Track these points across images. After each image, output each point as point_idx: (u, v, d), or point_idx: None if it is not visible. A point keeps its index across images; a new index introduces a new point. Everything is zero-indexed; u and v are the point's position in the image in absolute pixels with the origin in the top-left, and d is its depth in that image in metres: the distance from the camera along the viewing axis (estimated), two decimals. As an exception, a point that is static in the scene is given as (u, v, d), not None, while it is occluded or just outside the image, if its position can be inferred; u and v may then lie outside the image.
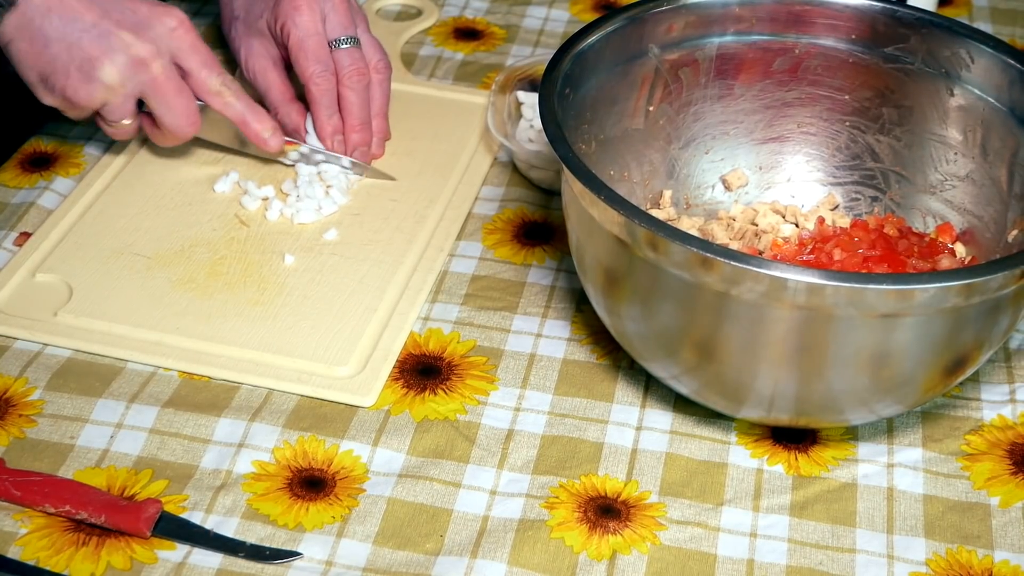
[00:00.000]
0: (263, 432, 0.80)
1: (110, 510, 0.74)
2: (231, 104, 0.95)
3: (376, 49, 1.02)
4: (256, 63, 1.01)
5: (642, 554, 0.75)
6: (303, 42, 0.97)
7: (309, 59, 0.97)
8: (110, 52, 0.89)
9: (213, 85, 0.93)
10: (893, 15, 0.88)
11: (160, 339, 0.86)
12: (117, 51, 0.89)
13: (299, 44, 0.97)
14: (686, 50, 0.90)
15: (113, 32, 0.89)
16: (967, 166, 0.88)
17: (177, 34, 0.91)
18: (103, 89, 0.90)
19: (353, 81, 0.99)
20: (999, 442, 0.82)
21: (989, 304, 0.71)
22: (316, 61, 0.97)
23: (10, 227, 0.95)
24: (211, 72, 0.93)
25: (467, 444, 0.81)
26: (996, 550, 0.76)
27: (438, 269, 0.93)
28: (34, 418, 0.81)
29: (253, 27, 1.01)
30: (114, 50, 0.89)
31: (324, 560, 0.73)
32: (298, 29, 0.97)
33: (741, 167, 0.94)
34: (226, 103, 0.95)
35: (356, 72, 0.99)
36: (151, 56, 0.90)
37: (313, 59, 0.97)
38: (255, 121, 0.96)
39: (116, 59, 0.89)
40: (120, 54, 0.89)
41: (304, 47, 0.97)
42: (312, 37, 0.97)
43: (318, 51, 0.97)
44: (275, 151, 0.98)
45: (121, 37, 0.89)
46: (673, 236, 0.69)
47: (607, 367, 0.86)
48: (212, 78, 0.93)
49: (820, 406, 0.77)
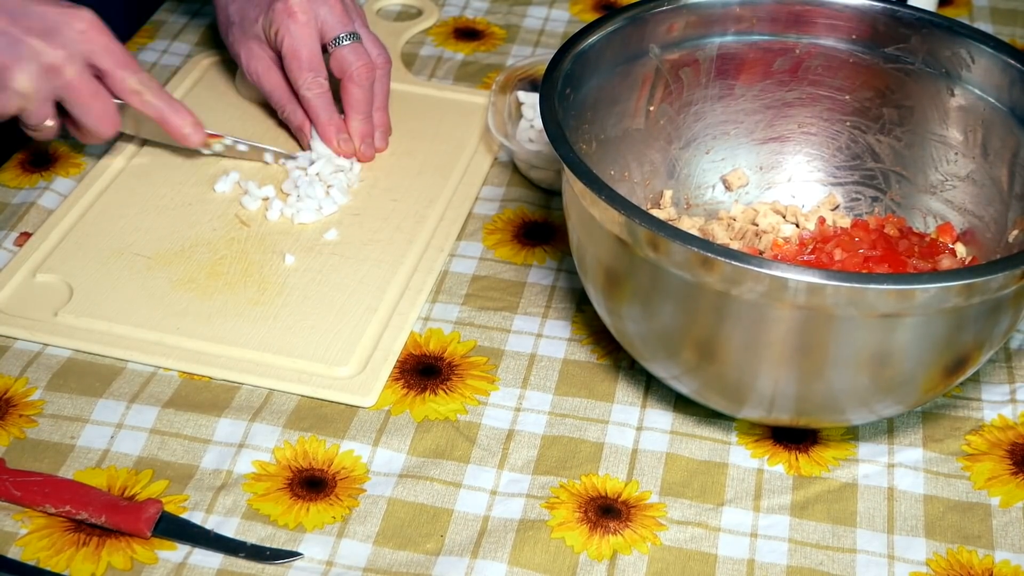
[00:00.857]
0: (263, 432, 0.80)
1: (110, 510, 0.74)
2: (149, 102, 0.95)
3: (375, 43, 1.02)
4: (258, 65, 1.01)
5: (642, 554, 0.75)
6: (296, 50, 0.98)
7: (302, 67, 0.98)
8: (20, 60, 0.88)
9: (130, 84, 0.93)
10: (893, 15, 0.88)
11: (160, 339, 0.86)
12: (27, 59, 0.88)
13: (292, 52, 0.98)
14: (687, 50, 0.90)
15: (22, 40, 0.88)
16: (968, 166, 0.88)
17: (88, 36, 0.91)
18: (17, 97, 0.89)
19: (361, 78, 0.99)
20: (999, 442, 0.82)
21: (990, 304, 0.71)
22: (308, 68, 0.98)
23: (10, 227, 0.95)
24: (127, 71, 0.93)
25: (467, 444, 0.81)
26: (996, 550, 0.76)
27: (438, 269, 0.93)
28: (34, 418, 0.81)
29: (249, 31, 1.01)
30: (24, 58, 0.88)
31: (324, 560, 0.73)
32: (291, 36, 0.98)
33: (742, 167, 0.94)
34: (144, 101, 0.95)
35: (364, 68, 0.99)
36: (63, 62, 0.89)
37: (306, 67, 0.98)
38: (174, 116, 0.96)
39: (27, 67, 0.88)
40: (30, 62, 0.88)
41: (297, 55, 0.98)
42: (305, 46, 0.98)
43: (311, 58, 0.98)
44: (196, 145, 0.98)
45: (31, 44, 0.88)
46: (674, 236, 0.69)
47: (607, 367, 0.86)
48: (129, 78, 0.93)
49: (821, 406, 0.77)
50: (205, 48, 1.17)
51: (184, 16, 1.21)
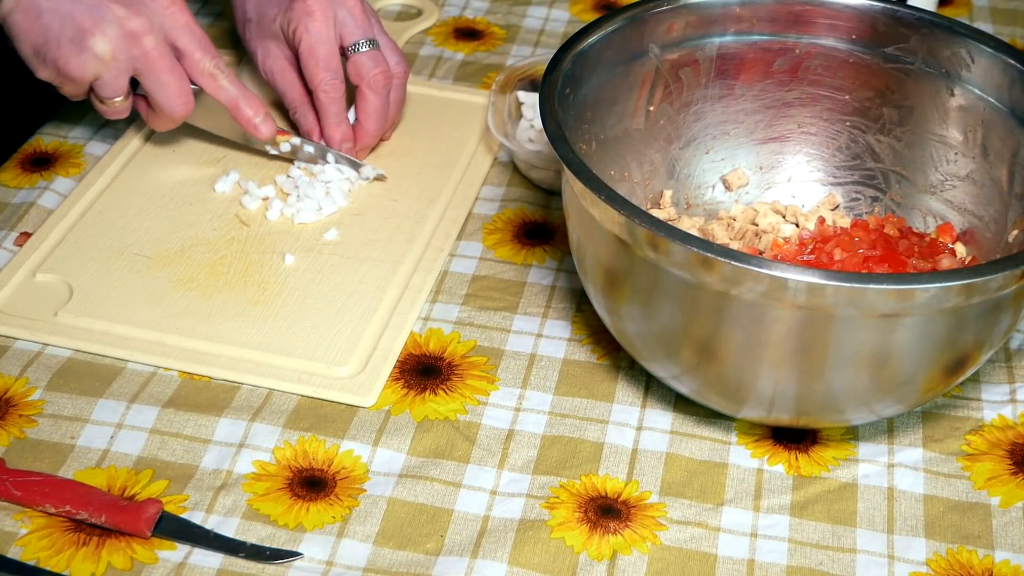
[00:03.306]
0: (263, 432, 0.80)
1: (110, 510, 0.74)
2: (224, 87, 0.95)
3: (394, 51, 1.01)
4: (273, 64, 1.01)
5: (642, 554, 0.75)
6: (314, 48, 0.97)
7: (319, 66, 0.97)
8: (102, 24, 0.88)
9: (206, 67, 0.93)
10: (893, 15, 0.88)
11: (160, 339, 0.86)
12: (109, 23, 0.88)
13: (310, 50, 0.97)
14: (686, 50, 0.90)
15: (105, 4, 0.88)
16: (967, 166, 0.88)
17: (170, 12, 0.91)
18: (95, 61, 0.89)
19: (379, 85, 0.98)
20: (999, 442, 0.82)
21: (989, 304, 0.72)
22: (326, 68, 0.97)
23: (10, 227, 0.95)
24: (205, 54, 0.93)
25: (467, 444, 0.81)
26: (996, 550, 0.76)
27: (438, 269, 0.93)
28: (34, 418, 0.81)
29: (267, 29, 1.01)
30: (106, 22, 0.88)
31: (324, 560, 0.73)
32: (310, 35, 0.97)
33: (741, 167, 0.94)
34: (219, 86, 0.94)
35: (381, 75, 0.98)
36: (143, 30, 0.89)
37: (323, 66, 0.97)
38: (247, 106, 0.96)
39: (108, 31, 0.88)
40: (112, 26, 0.88)
41: (315, 54, 0.97)
42: (324, 45, 0.97)
43: (328, 58, 0.97)
44: (266, 138, 0.98)
45: (113, 10, 0.88)
46: (674, 236, 0.69)
47: (607, 367, 0.86)
48: (205, 60, 0.93)
49: (820, 406, 0.77)
50: (205, 48, 1.16)
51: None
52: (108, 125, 1.05)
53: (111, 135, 1.04)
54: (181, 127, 0.98)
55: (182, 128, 1.00)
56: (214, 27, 1.19)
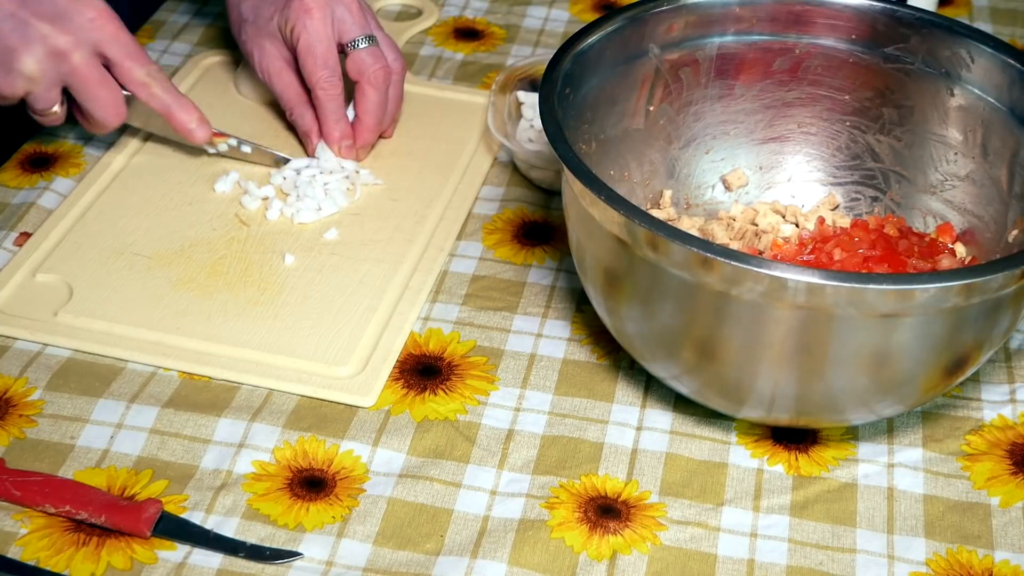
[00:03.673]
0: (263, 432, 0.80)
1: (110, 510, 0.74)
2: (156, 95, 0.95)
3: (391, 47, 1.01)
4: (270, 65, 1.01)
5: (642, 554, 0.75)
6: (312, 47, 0.97)
7: (318, 64, 0.97)
8: (28, 43, 0.88)
9: (138, 75, 0.93)
10: (893, 15, 0.88)
11: (160, 339, 0.86)
12: (34, 42, 0.88)
13: (308, 49, 0.97)
14: (686, 50, 0.90)
15: (31, 22, 0.88)
16: (967, 166, 0.88)
17: (97, 24, 0.90)
18: (23, 80, 0.89)
19: (378, 80, 0.98)
20: (999, 442, 0.82)
21: (989, 304, 0.72)
22: (324, 66, 0.97)
23: (10, 227, 0.95)
24: (135, 62, 0.93)
25: (467, 444, 0.81)
26: (996, 550, 0.76)
27: (438, 269, 0.93)
28: (34, 418, 0.81)
29: (264, 29, 1.00)
30: (31, 41, 0.88)
31: (324, 560, 0.73)
32: (308, 33, 0.96)
33: (741, 167, 0.94)
34: (151, 94, 0.95)
35: (382, 71, 0.98)
36: (70, 47, 0.89)
37: (322, 64, 0.97)
38: (181, 112, 0.96)
39: (34, 50, 0.88)
40: (38, 45, 0.88)
41: (313, 52, 0.97)
42: (322, 42, 0.97)
43: (326, 56, 0.97)
44: (201, 142, 0.98)
45: (39, 28, 0.88)
46: (673, 236, 0.69)
47: (607, 367, 0.86)
48: (136, 69, 0.93)
49: (820, 406, 0.77)
50: (205, 48, 1.17)
51: (184, 16, 1.21)
52: (108, 125, 1.05)
53: (111, 135, 1.04)
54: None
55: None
56: (213, 27, 1.19)
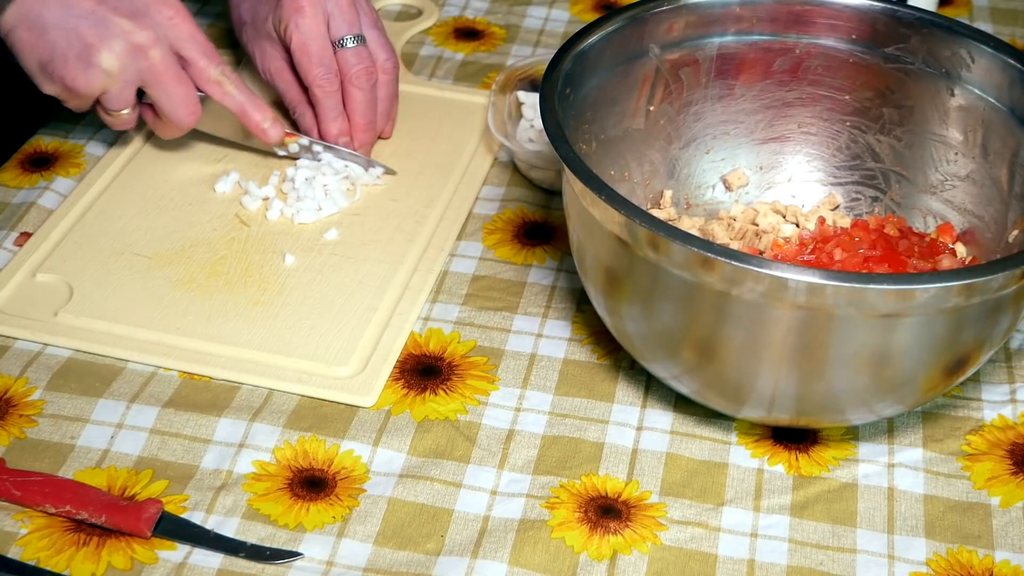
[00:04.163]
0: (263, 432, 0.80)
1: (111, 510, 0.74)
2: (230, 94, 0.95)
3: (383, 47, 1.01)
4: (271, 65, 1.01)
5: (643, 554, 0.75)
6: (306, 45, 0.97)
7: (312, 62, 0.97)
8: (108, 39, 0.88)
9: (212, 74, 0.93)
10: (893, 15, 0.88)
11: (160, 339, 0.86)
12: (115, 37, 0.88)
13: (302, 47, 0.97)
14: (687, 50, 0.90)
15: (110, 19, 0.88)
16: (967, 166, 0.88)
17: (175, 23, 0.91)
18: (102, 76, 0.89)
19: (361, 80, 0.98)
20: (1000, 442, 0.82)
21: (990, 304, 0.71)
22: (319, 64, 0.97)
23: (10, 227, 0.95)
24: (210, 62, 0.93)
25: (468, 444, 0.81)
26: (996, 550, 0.76)
27: (438, 269, 0.93)
28: (34, 418, 0.81)
29: (261, 30, 1.01)
30: (112, 36, 0.88)
31: (325, 560, 0.73)
32: (300, 32, 0.97)
33: (742, 167, 0.94)
34: (225, 93, 0.94)
35: (364, 71, 0.98)
36: (149, 43, 0.89)
37: (316, 62, 0.97)
38: (254, 111, 0.96)
39: (114, 45, 0.88)
40: (118, 40, 0.88)
41: (307, 50, 0.97)
42: (315, 40, 0.97)
43: (321, 54, 0.97)
44: (274, 142, 0.98)
45: (119, 24, 0.88)
46: (674, 236, 0.69)
47: (608, 367, 0.86)
48: (211, 68, 0.93)
49: (821, 406, 0.77)
50: (205, 48, 1.16)
51: (184, 16, 1.21)
52: (108, 125, 1.05)
53: (111, 135, 1.04)
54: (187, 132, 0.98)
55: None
56: (214, 27, 1.19)
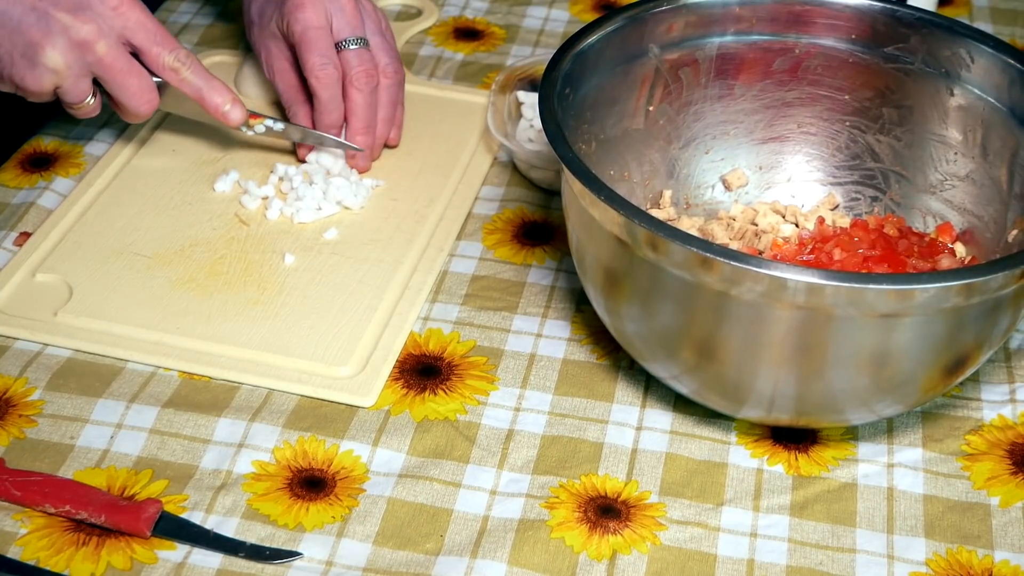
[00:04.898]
0: (263, 432, 0.80)
1: (110, 510, 0.74)
2: (187, 79, 0.93)
3: (387, 52, 1.01)
4: (275, 64, 1.01)
5: (642, 554, 0.75)
6: (305, 34, 0.96)
7: (312, 52, 0.96)
8: (50, 36, 0.87)
9: (167, 61, 0.92)
10: (893, 15, 0.88)
11: (160, 339, 0.86)
12: (57, 34, 0.87)
13: (302, 37, 0.96)
14: (686, 50, 0.90)
15: (52, 15, 0.87)
16: (967, 166, 0.88)
17: (120, 12, 0.89)
18: (49, 74, 0.88)
19: (361, 82, 0.98)
20: (999, 442, 0.82)
21: (989, 304, 0.72)
22: (319, 54, 0.96)
23: (10, 227, 0.95)
24: (163, 48, 0.92)
25: (467, 444, 0.81)
26: (996, 550, 0.76)
27: (438, 269, 0.93)
28: (34, 418, 0.81)
29: (267, 30, 1.01)
30: (54, 33, 0.87)
31: (324, 560, 0.74)
32: (300, 24, 0.96)
33: (741, 167, 0.94)
34: (182, 79, 0.93)
35: (364, 73, 0.98)
36: (93, 37, 0.88)
37: (316, 52, 0.96)
38: (213, 94, 0.95)
39: (57, 43, 0.87)
40: (60, 37, 0.87)
41: (306, 39, 0.96)
42: (314, 30, 0.96)
43: (320, 44, 0.96)
44: (236, 123, 0.96)
45: (60, 19, 0.87)
46: (673, 236, 0.69)
47: (607, 367, 0.86)
48: (165, 54, 0.92)
49: (820, 406, 0.77)
50: (205, 48, 1.17)
51: (184, 16, 1.21)
52: (108, 125, 1.05)
53: (111, 135, 1.04)
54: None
55: (181, 127, 1.00)
56: (214, 27, 1.19)
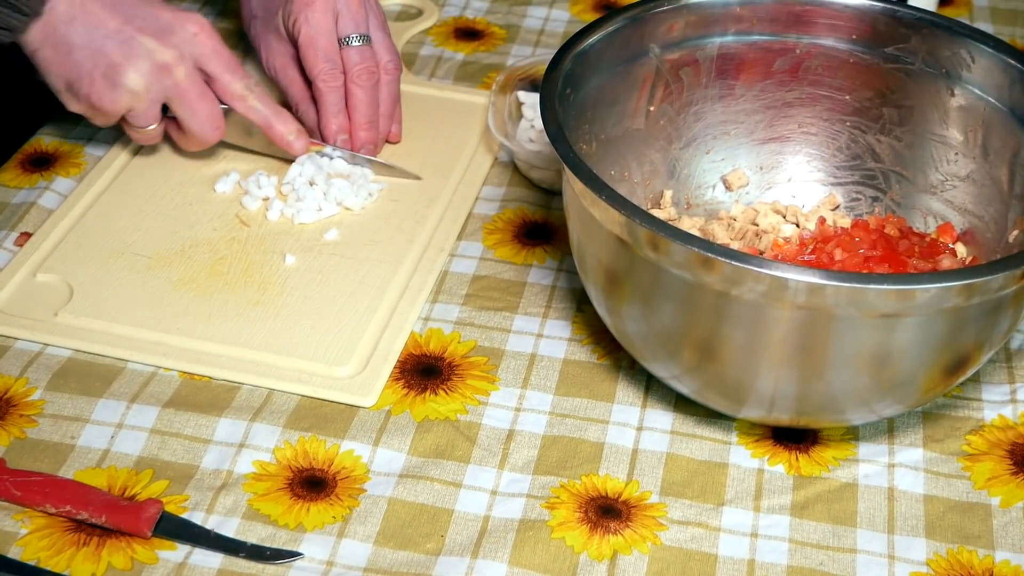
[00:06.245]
0: (264, 432, 0.80)
1: (111, 510, 0.74)
2: (255, 108, 0.95)
3: (387, 49, 1.01)
4: (276, 60, 1.01)
5: (643, 554, 0.75)
6: (313, 40, 0.97)
7: (319, 57, 0.97)
8: (133, 58, 0.89)
9: (237, 89, 0.94)
10: (894, 15, 0.88)
11: (160, 339, 0.86)
12: (140, 57, 0.89)
13: (309, 41, 0.97)
14: (687, 50, 0.90)
15: (136, 38, 0.89)
16: (968, 166, 0.88)
17: (199, 39, 0.92)
18: (128, 95, 0.90)
19: (362, 79, 0.99)
20: (1000, 442, 0.82)
21: (990, 304, 0.72)
22: (325, 59, 0.97)
23: (10, 227, 0.95)
24: (234, 76, 0.94)
25: (468, 444, 0.81)
26: (997, 550, 0.76)
27: (438, 269, 0.93)
28: (35, 418, 0.81)
29: (270, 25, 1.01)
30: (137, 56, 0.89)
31: (325, 560, 0.73)
32: (309, 26, 0.97)
33: (742, 167, 0.94)
34: (250, 107, 0.95)
35: (366, 71, 0.99)
36: (174, 61, 0.90)
37: (323, 57, 0.97)
38: (280, 124, 0.96)
39: (139, 65, 0.89)
40: (143, 60, 0.89)
41: (314, 44, 0.97)
42: (323, 35, 0.97)
43: (328, 49, 0.97)
44: (300, 153, 0.98)
45: (144, 43, 0.89)
46: (674, 236, 0.69)
47: (608, 367, 0.86)
48: (235, 82, 0.94)
49: (821, 406, 0.77)
50: (205, 48, 1.16)
51: (184, 16, 1.21)
52: (108, 125, 1.05)
53: (111, 135, 1.04)
54: None
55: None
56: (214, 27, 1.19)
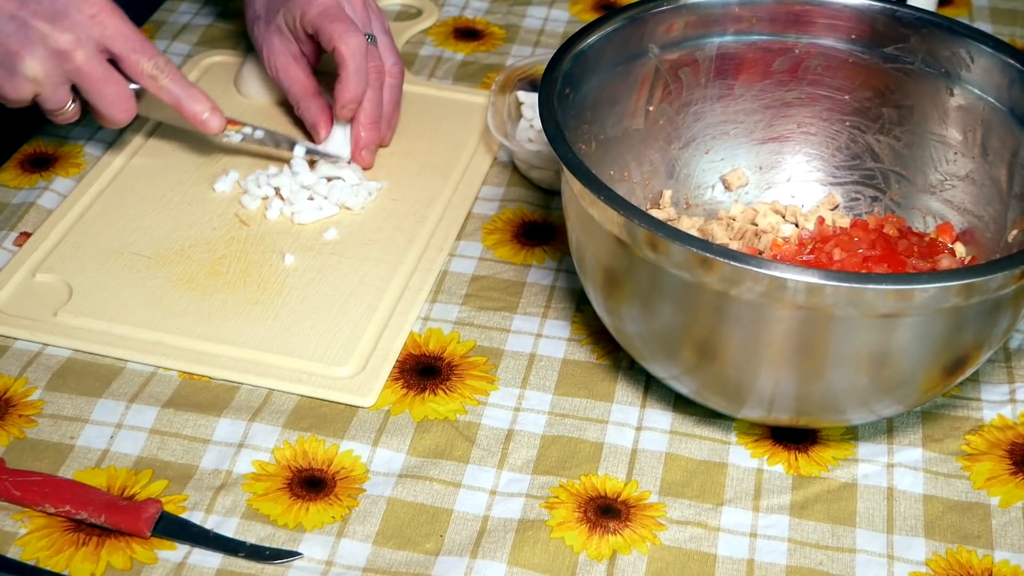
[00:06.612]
0: (263, 432, 0.80)
1: (110, 510, 0.74)
2: (165, 87, 0.93)
3: (391, 51, 1.01)
4: (278, 60, 1.01)
5: (642, 554, 0.75)
6: (328, 10, 0.96)
7: (335, 22, 0.95)
8: (28, 45, 0.87)
9: (145, 69, 0.92)
10: (893, 15, 0.88)
11: (160, 339, 0.86)
12: (35, 43, 0.87)
13: (323, 12, 0.96)
14: (686, 50, 0.90)
15: (30, 23, 0.87)
16: (967, 166, 0.88)
17: (99, 20, 0.89)
18: (28, 83, 0.89)
19: (371, 78, 0.98)
20: (999, 442, 0.82)
21: (989, 304, 0.72)
22: (342, 23, 0.95)
23: (10, 227, 0.95)
24: (142, 55, 0.91)
25: (467, 444, 0.81)
26: (996, 550, 0.76)
27: (438, 269, 0.93)
28: (34, 418, 0.81)
29: (272, 25, 1.01)
30: (32, 42, 0.87)
31: (324, 560, 0.74)
32: (317, 6, 0.96)
33: (741, 167, 0.94)
34: (160, 86, 0.93)
35: (375, 69, 0.98)
36: (71, 46, 0.88)
37: (339, 22, 0.95)
38: (192, 103, 0.94)
39: (35, 51, 0.87)
40: (38, 46, 0.87)
41: (329, 13, 0.95)
42: (334, 6, 0.96)
43: (342, 16, 0.96)
44: (214, 131, 0.96)
45: (38, 28, 0.87)
46: (673, 236, 0.69)
47: (607, 367, 0.86)
48: (143, 62, 0.92)
49: (820, 406, 0.77)
50: (205, 48, 1.17)
51: (184, 16, 1.21)
52: (108, 125, 1.05)
53: (111, 135, 1.04)
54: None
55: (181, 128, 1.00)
56: (214, 27, 1.19)
